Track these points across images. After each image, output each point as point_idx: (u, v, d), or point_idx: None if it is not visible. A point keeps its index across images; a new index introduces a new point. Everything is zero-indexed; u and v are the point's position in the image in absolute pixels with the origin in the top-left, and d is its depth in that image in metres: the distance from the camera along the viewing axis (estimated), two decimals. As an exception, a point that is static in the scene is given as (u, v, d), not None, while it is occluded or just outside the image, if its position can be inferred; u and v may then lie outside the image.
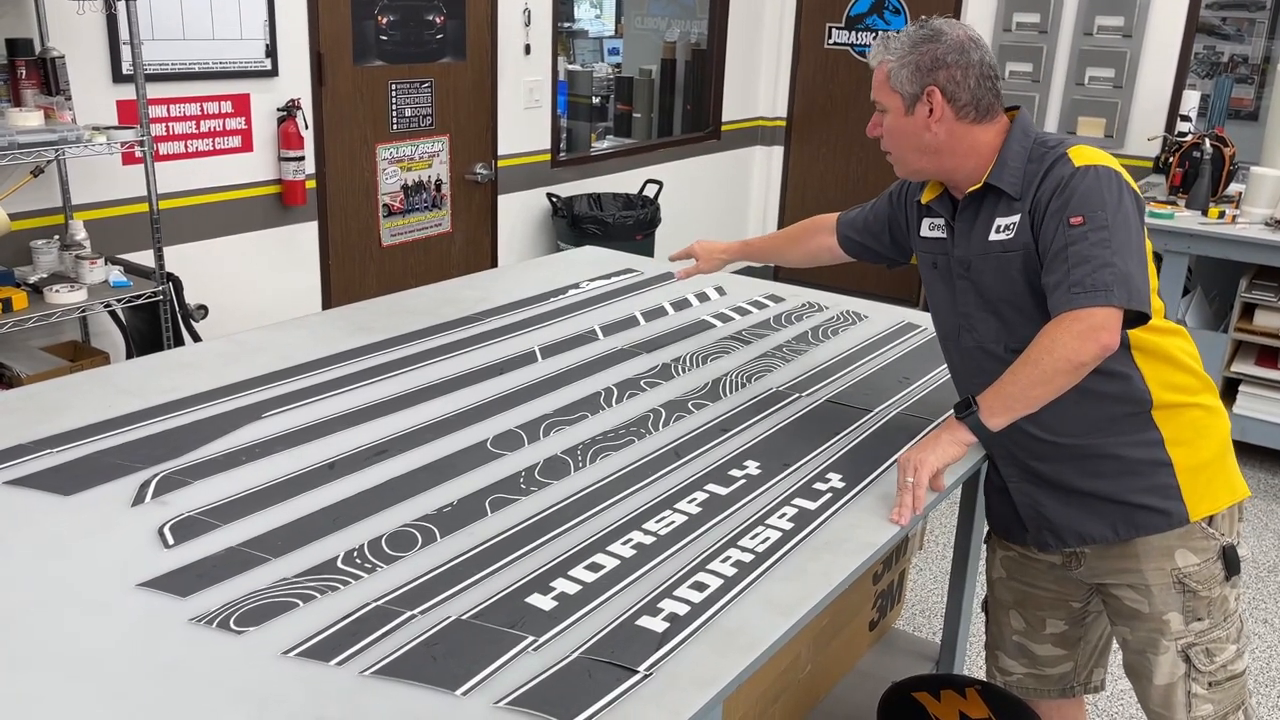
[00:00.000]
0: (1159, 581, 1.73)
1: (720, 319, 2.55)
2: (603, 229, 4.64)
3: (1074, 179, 1.60)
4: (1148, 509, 1.71)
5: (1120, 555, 1.76)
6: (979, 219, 1.72)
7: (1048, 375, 1.56)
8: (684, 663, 1.24)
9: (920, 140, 1.70)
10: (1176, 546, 1.72)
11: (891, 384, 2.15)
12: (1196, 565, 1.72)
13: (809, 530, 1.55)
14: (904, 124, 1.70)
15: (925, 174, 1.77)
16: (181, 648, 1.24)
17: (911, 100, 1.68)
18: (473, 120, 4.40)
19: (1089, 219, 1.56)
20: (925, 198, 1.82)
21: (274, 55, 3.57)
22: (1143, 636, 1.78)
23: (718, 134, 5.93)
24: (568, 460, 1.76)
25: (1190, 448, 1.71)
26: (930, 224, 1.84)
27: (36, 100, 2.84)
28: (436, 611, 1.32)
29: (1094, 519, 1.75)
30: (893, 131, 1.73)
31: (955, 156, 1.70)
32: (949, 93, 1.66)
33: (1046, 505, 1.79)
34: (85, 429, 1.80)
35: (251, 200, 3.63)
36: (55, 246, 3.02)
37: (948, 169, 1.72)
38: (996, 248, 1.68)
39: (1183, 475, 1.70)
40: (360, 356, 2.19)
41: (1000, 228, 1.68)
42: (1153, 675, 1.78)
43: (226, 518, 1.53)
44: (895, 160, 1.77)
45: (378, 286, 4.08)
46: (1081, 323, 1.53)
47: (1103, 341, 1.53)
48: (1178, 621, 1.74)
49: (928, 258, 1.85)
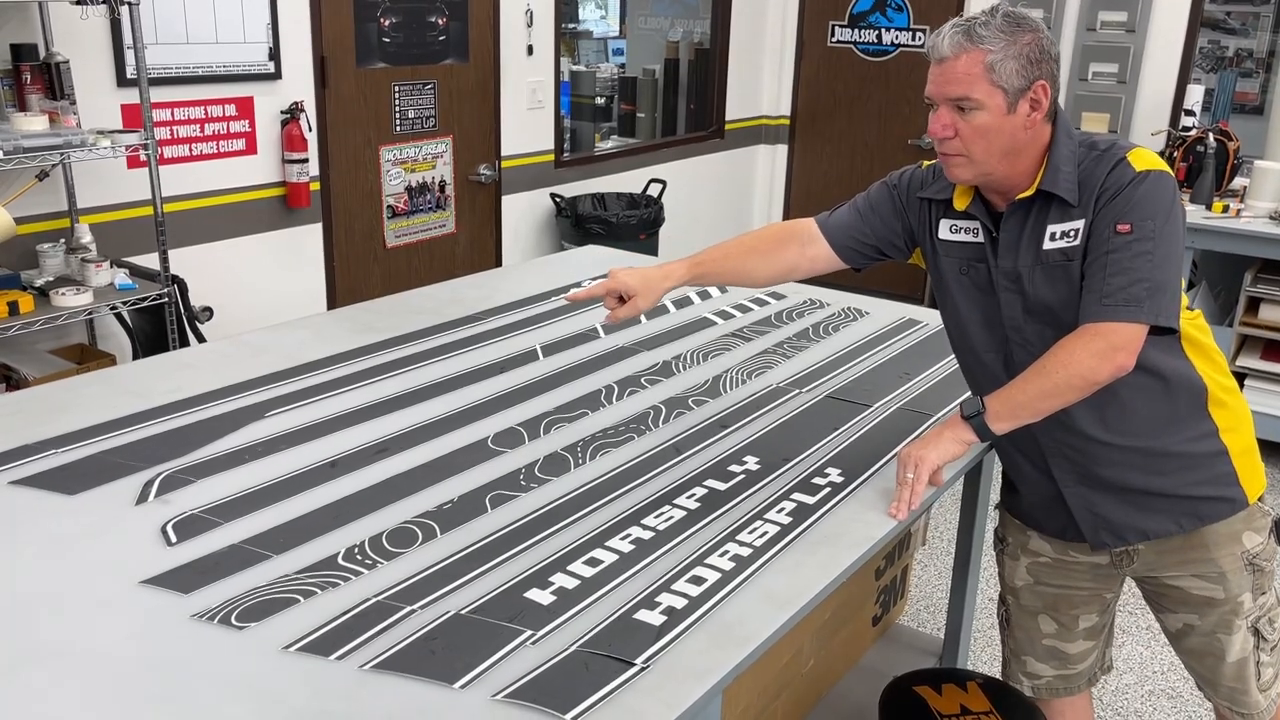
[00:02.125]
0: (1232, 566, 1.75)
1: (721, 316, 2.56)
2: (607, 229, 4.64)
3: (1134, 184, 1.54)
4: (1211, 499, 1.72)
5: (1183, 547, 1.76)
6: (1028, 227, 1.63)
7: (1059, 389, 1.54)
8: (682, 655, 1.24)
9: (1013, 141, 1.56)
10: (1243, 530, 1.74)
11: (892, 379, 2.16)
12: (1261, 544, 1.76)
13: (807, 524, 1.56)
14: (1001, 124, 1.54)
15: (994, 179, 1.62)
16: (184, 644, 1.25)
17: (1017, 95, 1.54)
18: (476, 121, 4.41)
19: (1137, 228, 1.52)
20: (959, 203, 1.71)
21: (277, 58, 3.58)
22: (1215, 620, 1.79)
23: (721, 133, 5.94)
24: (568, 457, 1.77)
25: (1237, 434, 1.73)
26: (953, 226, 1.73)
27: (41, 105, 2.86)
28: (436, 606, 1.33)
29: (1155, 515, 1.74)
30: (984, 132, 1.55)
31: (1027, 159, 1.59)
32: (1052, 87, 1.56)
33: (1103, 506, 1.76)
34: (89, 429, 1.81)
35: (256, 203, 3.65)
36: (61, 250, 3.04)
37: (1017, 172, 1.60)
38: (1055, 257, 1.60)
39: (1237, 460, 1.72)
40: (362, 356, 2.21)
41: (1055, 235, 1.60)
42: (1225, 654, 1.80)
43: (228, 516, 1.54)
44: (963, 164, 1.60)
45: (382, 288, 4.09)
46: (1102, 340, 1.52)
47: (1119, 362, 1.52)
48: (1249, 600, 1.77)
49: (952, 262, 1.74)
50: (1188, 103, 4.86)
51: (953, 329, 1.82)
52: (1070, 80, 5.25)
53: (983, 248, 1.69)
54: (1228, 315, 4.24)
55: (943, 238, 1.75)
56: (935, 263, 1.78)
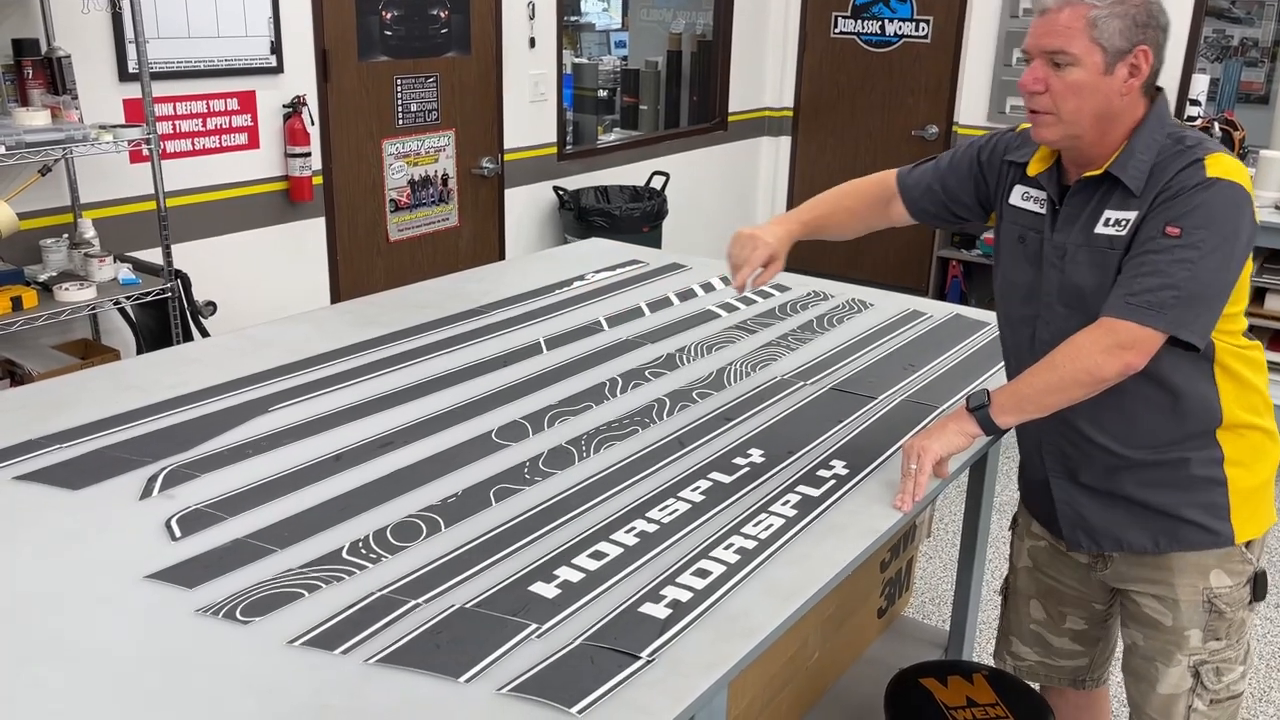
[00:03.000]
0: (1189, 598, 1.69)
1: (725, 309, 2.55)
2: (610, 221, 4.64)
3: (1198, 189, 1.48)
4: (1195, 525, 1.66)
5: (1153, 565, 1.71)
6: (1088, 207, 1.59)
7: (1065, 383, 1.52)
8: (687, 648, 1.24)
9: (1107, 105, 1.51)
10: (1214, 566, 1.68)
11: (896, 371, 2.15)
12: (1229, 587, 1.68)
13: (812, 517, 1.56)
14: (1097, 83, 1.49)
15: (1081, 144, 1.57)
16: (188, 638, 1.25)
17: (1116, 57, 1.48)
18: (478, 114, 4.40)
19: (1186, 234, 1.46)
20: (1033, 169, 1.67)
21: (279, 52, 3.57)
22: (1157, 646, 1.74)
23: (724, 125, 5.92)
24: (572, 450, 1.77)
25: (1247, 470, 1.66)
26: (1025, 193, 1.70)
27: (43, 100, 2.85)
28: (440, 600, 1.33)
29: (1136, 527, 1.69)
30: (1077, 90, 1.50)
31: (1118, 129, 1.54)
32: (1154, 55, 1.49)
33: (1087, 507, 1.74)
34: (93, 424, 1.81)
35: (258, 197, 3.64)
36: (64, 245, 3.04)
37: (1104, 142, 1.55)
38: (1101, 241, 1.57)
39: (1235, 496, 1.65)
40: (365, 350, 2.20)
41: (1110, 220, 1.56)
42: (1157, 683, 1.75)
43: (233, 510, 1.54)
44: (1050, 123, 1.55)
45: (386, 281, 4.09)
46: (1113, 337, 1.49)
47: (1127, 360, 1.49)
48: (1197, 638, 1.70)
49: (1014, 229, 1.71)
50: (1193, 92, 4.84)
51: (998, 297, 1.80)
52: (1074, 70, 5.23)
53: (1043, 219, 1.66)
54: (1233, 306, 4.22)
55: (1012, 203, 1.72)
56: (999, 227, 1.77)
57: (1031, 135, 1.62)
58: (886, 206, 1.91)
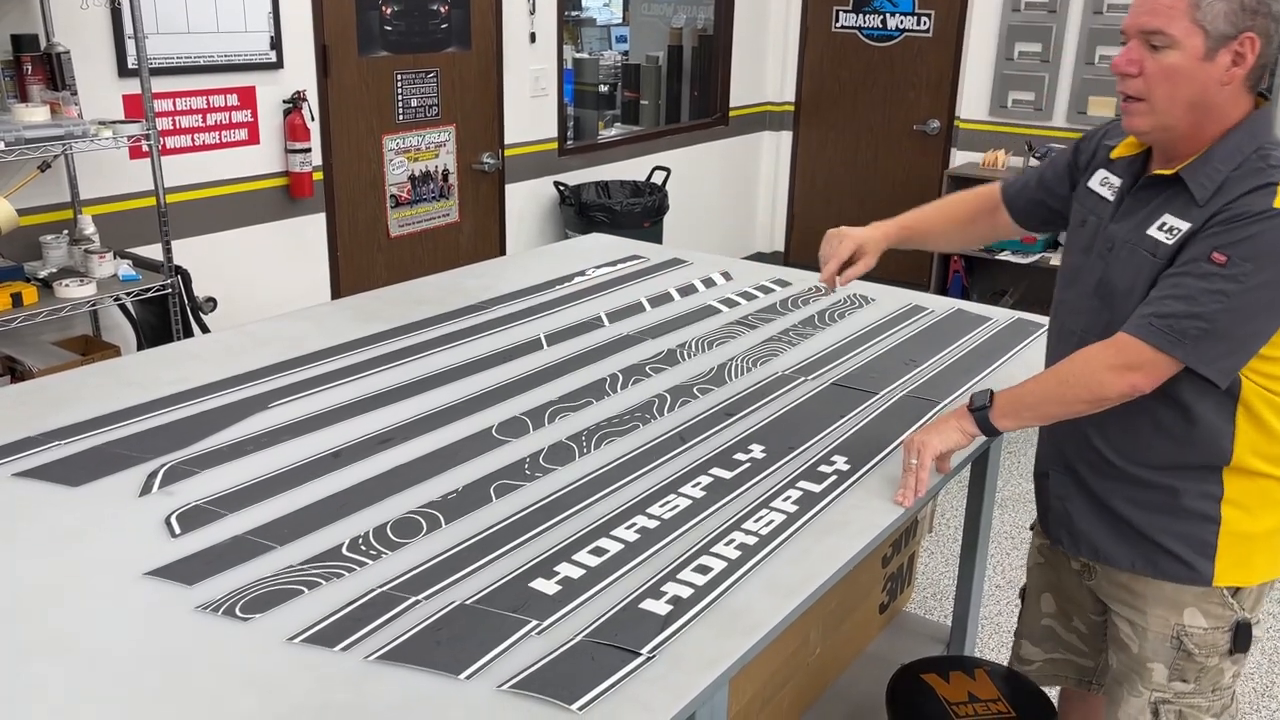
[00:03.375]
0: (1157, 629, 1.63)
1: (726, 304, 2.55)
2: (611, 217, 4.63)
3: (1259, 218, 1.38)
4: (1174, 556, 1.58)
5: (1128, 586, 1.66)
6: (1150, 205, 1.51)
7: (1068, 398, 1.50)
8: (688, 645, 1.24)
9: (1204, 95, 1.41)
10: (1189, 603, 1.60)
11: (898, 366, 2.14)
12: (1202, 629, 1.60)
13: (813, 513, 1.55)
14: (1195, 69, 1.40)
15: (1168, 136, 1.48)
16: (188, 636, 1.24)
17: (1219, 42, 1.38)
18: (479, 110, 4.39)
19: (1230, 265, 1.37)
20: (1117, 151, 1.60)
21: (279, 47, 3.57)
22: (1122, 669, 1.70)
23: (725, 120, 5.91)
24: (572, 446, 1.76)
25: (1247, 513, 1.56)
26: (1104, 178, 1.62)
27: (42, 95, 2.85)
28: (441, 597, 1.32)
29: (1118, 542, 1.64)
30: (1173, 75, 1.40)
31: (1213, 124, 1.44)
32: (1262, 46, 1.38)
33: (1076, 507, 1.70)
34: (93, 421, 1.81)
35: (259, 193, 3.64)
36: (64, 241, 3.03)
37: (1196, 135, 1.46)
38: (1148, 244, 1.49)
39: (1226, 537, 1.56)
40: (366, 346, 2.20)
41: (1164, 225, 1.48)
42: (1119, 708, 1.70)
43: (232, 507, 1.54)
44: (1142, 111, 1.46)
45: (386, 277, 4.08)
46: (1123, 356, 1.44)
47: (1133, 382, 1.44)
48: (1160, 674, 1.64)
49: (1080, 212, 1.65)
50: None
51: (1056, 285, 1.75)
52: (1077, 64, 5.22)
53: (1108, 206, 1.60)
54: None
55: (1089, 185, 1.65)
56: (1073, 212, 1.71)
57: (1122, 124, 1.53)
58: (992, 215, 1.89)
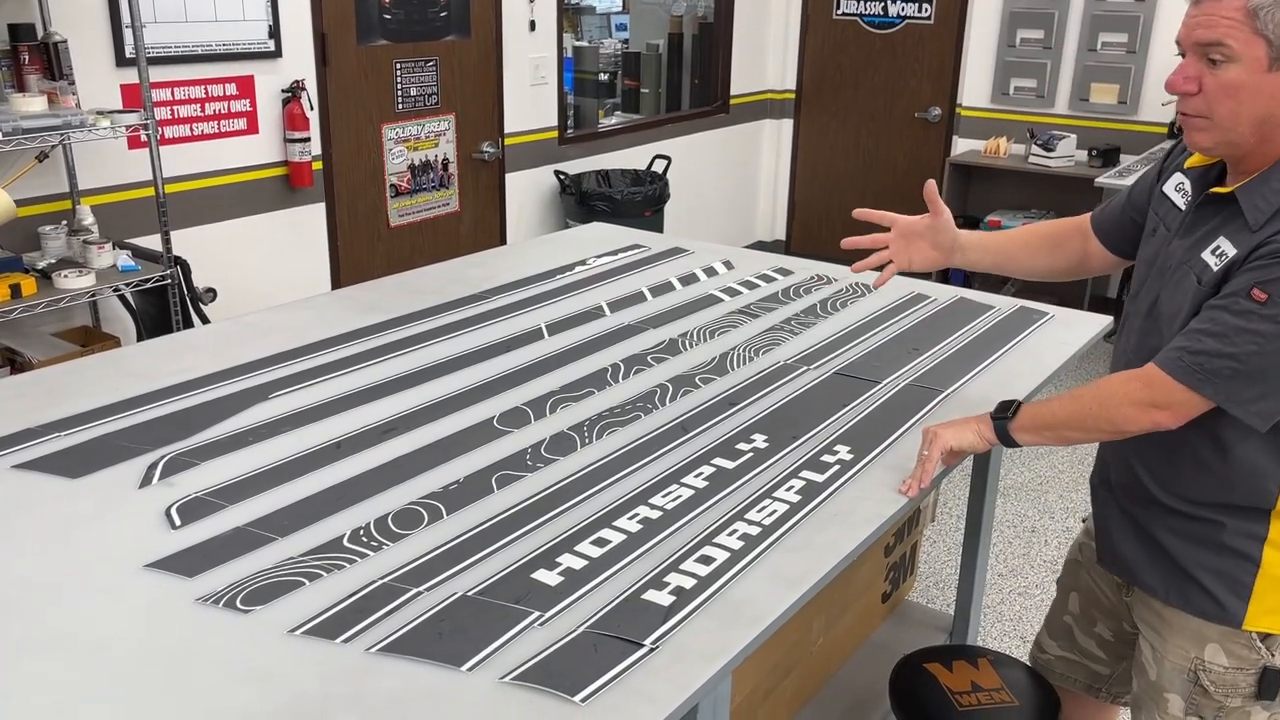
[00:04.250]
0: (1175, 660, 1.58)
1: (728, 293, 2.54)
2: (611, 206, 4.62)
3: None
4: (1206, 592, 1.52)
5: (1156, 613, 1.61)
6: (1209, 225, 1.43)
7: (1089, 425, 1.47)
8: (691, 636, 1.23)
9: (1273, 109, 1.31)
10: (1212, 639, 1.54)
11: (901, 355, 2.13)
12: (1223, 668, 1.53)
13: (816, 502, 1.54)
14: (1259, 83, 1.30)
15: (1235, 153, 1.39)
16: (188, 628, 1.24)
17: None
18: (479, 98, 4.38)
19: (1270, 303, 1.30)
20: (1191, 160, 1.52)
21: (277, 36, 3.55)
22: (1139, 693, 1.67)
23: (726, 108, 5.89)
24: (574, 436, 1.76)
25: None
26: (1178, 184, 1.54)
27: (40, 85, 2.84)
28: (442, 588, 1.32)
29: (1153, 569, 1.59)
30: (1234, 90, 1.31)
31: (1274, 144, 1.35)
32: None
33: (1116, 530, 1.65)
34: (93, 412, 1.80)
35: (258, 183, 3.63)
36: (63, 232, 3.02)
37: (1263, 154, 1.37)
38: (1198, 267, 1.41)
39: (1263, 580, 1.48)
40: (367, 336, 2.19)
41: (1216, 250, 1.39)
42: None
43: (233, 498, 1.53)
44: (1203, 128, 1.37)
45: (386, 267, 4.07)
46: (1149, 393, 1.40)
47: (1156, 419, 1.41)
48: (1177, 706, 1.59)
49: (1155, 219, 1.57)
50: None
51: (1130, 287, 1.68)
52: (1079, 51, 5.19)
53: (1178, 217, 1.52)
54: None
55: (1163, 189, 1.57)
56: (1149, 215, 1.63)
57: (1185, 140, 1.45)
58: (1084, 242, 1.78)
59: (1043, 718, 1.79)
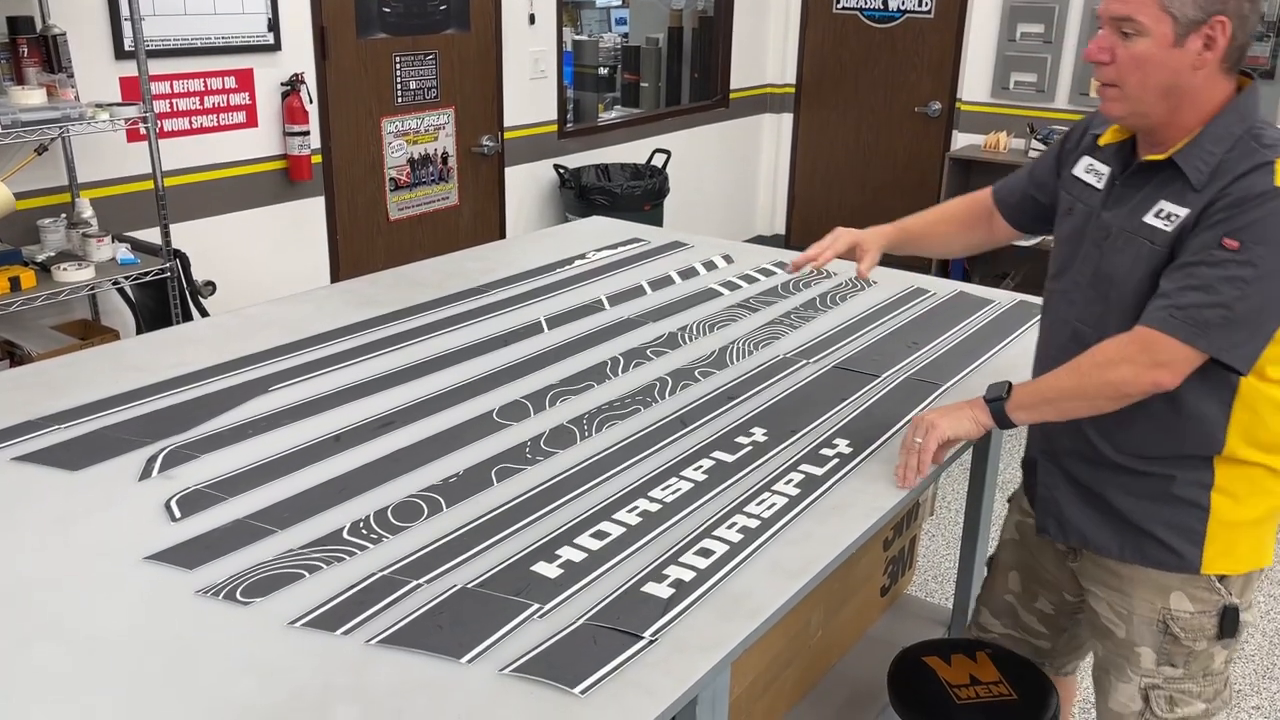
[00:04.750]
0: (1143, 614, 1.62)
1: (727, 287, 2.54)
2: (611, 200, 4.61)
3: (1261, 199, 1.37)
4: (1162, 544, 1.57)
5: (1114, 572, 1.65)
6: (1143, 192, 1.50)
7: (1090, 393, 1.47)
8: (690, 628, 1.23)
9: (1176, 81, 1.41)
10: (1175, 588, 1.59)
11: (900, 349, 2.14)
12: (1189, 613, 1.59)
13: (815, 496, 1.55)
14: (1164, 56, 1.39)
15: (1149, 122, 1.47)
16: (188, 620, 1.24)
17: (1188, 28, 1.37)
18: (478, 92, 4.37)
19: (1244, 249, 1.36)
20: (1104, 139, 1.59)
21: (276, 29, 3.54)
22: (1108, 657, 1.70)
23: (726, 102, 5.88)
24: (574, 429, 1.76)
25: (1236, 502, 1.55)
26: (1089, 166, 1.61)
27: (39, 78, 2.83)
28: (442, 580, 1.32)
29: (1106, 530, 1.63)
30: (1142, 62, 1.40)
31: (1190, 110, 1.43)
32: (1236, 28, 1.37)
33: (1064, 496, 1.68)
34: (92, 405, 1.80)
35: (257, 176, 3.62)
36: (62, 225, 3.02)
37: (1173, 123, 1.45)
38: (1145, 232, 1.47)
39: (1215, 525, 1.55)
40: (366, 330, 2.19)
41: (1161, 212, 1.46)
42: (1109, 696, 1.71)
43: (233, 491, 1.53)
44: (1115, 97, 1.46)
45: (386, 261, 4.07)
46: (1149, 353, 1.42)
47: (1158, 379, 1.42)
48: (1149, 659, 1.64)
49: (1068, 200, 1.64)
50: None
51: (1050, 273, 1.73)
52: (1079, 45, 5.18)
53: (1096, 195, 1.59)
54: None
55: (1074, 173, 1.64)
56: (1060, 200, 1.70)
57: (1100, 109, 1.54)
58: (989, 220, 1.88)
59: (1040, 711, 1.79)
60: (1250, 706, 2.66)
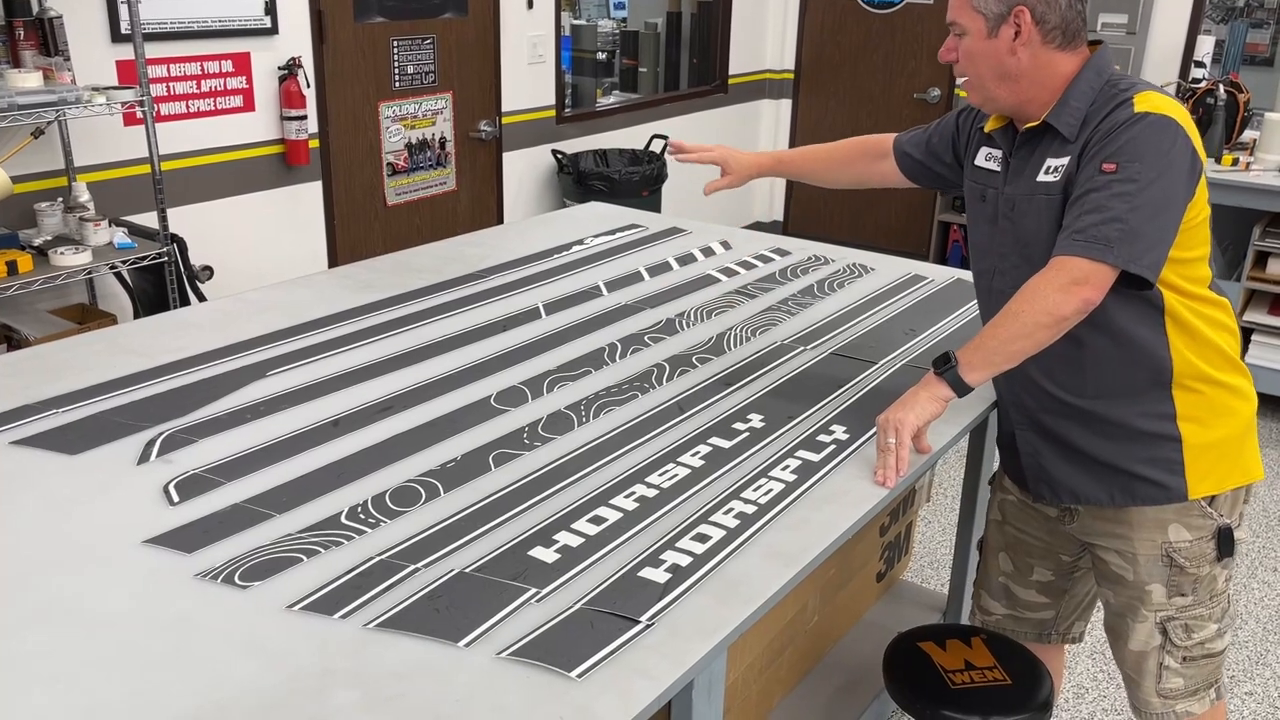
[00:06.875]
0: (1147, 552, 1.71)
1: (725, 273, 2.54)
2: (609, 185, 4.60)
3: (1128, 124, 1.51)
4: (1147, 480, 1.67)
5: (1113, 520, 1.73)
6: (1032, 158, 1.65)
7: (1028, 329, 1.52)
8: (686, 613, 1.24)
9: (1001, 66, 1.60)
10: (1171, 520, 1.68)
11: (897, 336, 2.14)
12: (1188, 542, 1.69)
13: (812, 482, 1.55)
14: (985, 47, 1.60)
15: (1002, 104, 1.66)
16: (187, 603, 1.25)
17: (996, 21, 1.58)
18: (476, 76, 4.36)
19: (1121, 168, 1.49)
20: (989, 126, 1.74)
21: (274, 13, 3.53)
22: (1124, 601, 1.77)
23: (725, 87, 5.87)
24: (571, 415, 1.76)
25: (1203, 425, 1.65)
26: (987, 154, 1.76)
27: (35, 61, 2.82)
28: (440, 565, 1.33)
29: (1092, 481, 1.72)
30: (972, 55, 1.62)
31: (1034, 85, 1.61)
32: (1038, 14, 1.56)
33: (1048, 458, 1.76)
34: (91, 389, 1.80)
35: (255, 160, 3.61)
36: (59, 209, 3.01)
37: (1024, 99, 1.63)
38: (1041, 189, 1.62)
39: (1190, 451, 1.65)
40: (364, 314, 2.19)
41: (1050, 168, 1.61)
42: (1128, 639, 1.77)
43: (231, 475, 1.54)
44: (971, 87, 1.67)
45: (383, 246, 4.07)
46: (1065, 275, 1.49)
47: (1084, 296, 1.49)
48: (1160, 594, 1.72)
49: (976, 189, 1.77)
50: (1198, 54, 4.79)
51: (972, 263, 1.84)
52: (1079, 32, 5.17)
53: (999, 176, 1.72)
54: (1235, 270, 4.21)
55: (976, 163, 1.78)
56: (967, 190, 1.82)
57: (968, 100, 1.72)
58: (878, 161, 2.03)
59: (1035, 695, 1.80)
60: (1243, 692, 2.67)
